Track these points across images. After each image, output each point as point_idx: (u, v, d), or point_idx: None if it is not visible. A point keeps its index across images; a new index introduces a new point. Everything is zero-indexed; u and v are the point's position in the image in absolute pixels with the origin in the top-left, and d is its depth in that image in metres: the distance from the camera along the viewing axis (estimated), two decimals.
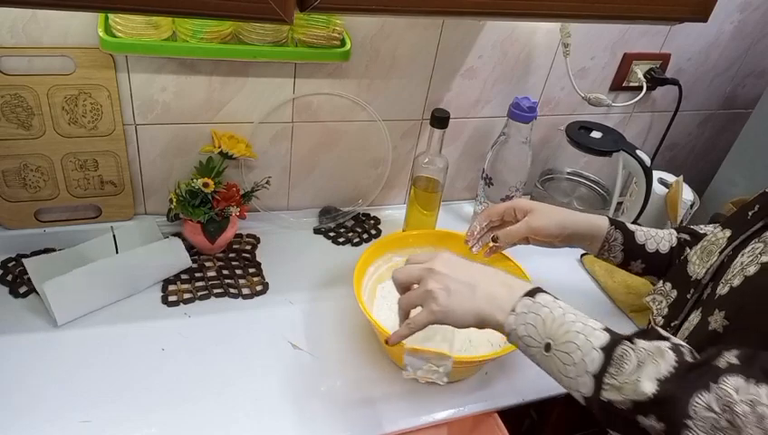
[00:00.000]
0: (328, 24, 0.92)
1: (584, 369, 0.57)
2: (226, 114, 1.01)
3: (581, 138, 1.14)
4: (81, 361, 0.82)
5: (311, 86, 1.03)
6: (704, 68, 1.32)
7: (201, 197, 0.96)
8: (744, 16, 1.26)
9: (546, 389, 0.89)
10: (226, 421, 0.78)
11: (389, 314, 0.91)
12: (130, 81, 0.93)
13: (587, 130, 1.16)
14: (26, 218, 0.98)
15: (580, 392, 0.58)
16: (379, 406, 0.82)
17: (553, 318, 0.60)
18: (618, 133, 1.16)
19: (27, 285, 0.91)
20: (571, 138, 1.14)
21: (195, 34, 0.87)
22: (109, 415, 0.76)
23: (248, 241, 1.09)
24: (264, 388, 0.82)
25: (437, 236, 1.04)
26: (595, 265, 1.14)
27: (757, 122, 1.22)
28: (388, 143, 1.14)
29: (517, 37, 1.11)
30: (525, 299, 0.63)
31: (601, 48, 1.19)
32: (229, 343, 0.88)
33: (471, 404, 0.85)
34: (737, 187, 1.24)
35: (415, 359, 0.74)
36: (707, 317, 0.66)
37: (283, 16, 0.58)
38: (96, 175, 0.98)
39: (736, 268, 0.66)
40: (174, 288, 0.96)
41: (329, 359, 0.88)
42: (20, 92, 0.87)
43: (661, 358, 0.54)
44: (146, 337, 0.87)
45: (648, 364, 0.54)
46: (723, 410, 0.49)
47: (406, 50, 1.04)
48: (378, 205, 1.22)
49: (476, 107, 1.18)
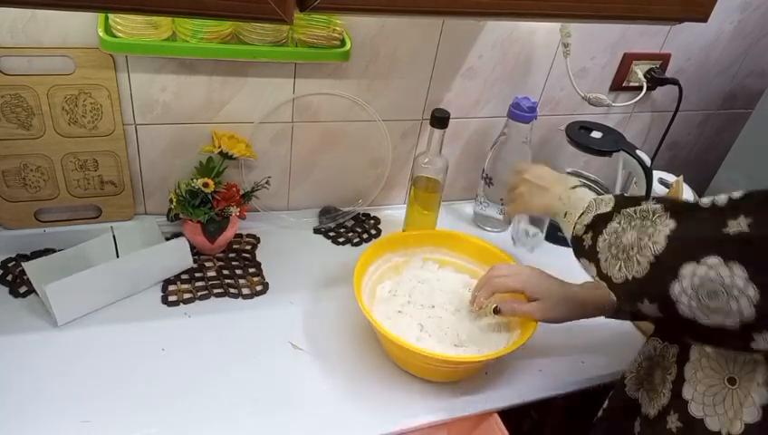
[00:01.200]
0: (328, 24, 0.92)
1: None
2: (226, 114, 1.01)
3: (581, 138, 1.14)
4: (81, 361, 0.82)
5: (311, 86, 1.03)
6: (704, 68, 1.32)
7: (201, 197, 0.96)
8: (743, 16, 1.26)
9: (546, 389, 0.89)
10: (226, 421, 0.77)
11: (389, 314, 0.91)
12: (130, 81, 0.93)
13: (587, 130, 1.15)
14: (26, 218, 0.98)
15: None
16: (379, 406, 0.82)
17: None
18: (618, 133, 1.16)
19: (27, 285, 0.91)
20: (571, 138, 1.14)
21: (195, 34, 0.87)
22: (109, 415, 0.76)
23: (248, 241, 1.09)
24: (264, 388, 0.82)
25: (437, 236, 1.04)
26: None
27: (757, 122, 1.22)
28: (388, 143, 1.14)
29: (517, 37, 1.11)
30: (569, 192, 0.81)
31: (601, 48, 1.19)
32: (229, 342, 0.88)
33: (471, 404, 0.85)
34: (737, 186, 1.22)
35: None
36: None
37: (283, 16, 0.58)
38: (96, 175, 0.98)
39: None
40: (174, 288, 0.96)
41: (329, 359, 0.88)
42: (20, 92, 0.87)
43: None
44: (146, 337, 0.87)
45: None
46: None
47: (406, 50, 1.04)
48: (378, 205, 1.22)
49: (476, 107, 1.18)
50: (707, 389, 0.64)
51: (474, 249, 1.01)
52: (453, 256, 1.02)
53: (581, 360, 0.94)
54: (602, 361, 0.94)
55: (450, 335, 0.89)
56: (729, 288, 0.52)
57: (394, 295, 0.95)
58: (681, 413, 0.66)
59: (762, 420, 0.58)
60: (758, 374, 0.59)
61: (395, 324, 0.89)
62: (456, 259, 1.02)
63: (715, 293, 0.53)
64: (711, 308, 0.54)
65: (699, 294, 0.55)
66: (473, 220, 1.25)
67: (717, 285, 0.53)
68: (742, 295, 0.52)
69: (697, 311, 0.56)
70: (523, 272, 0.88)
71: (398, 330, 0.87)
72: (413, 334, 0.88)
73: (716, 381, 0.63)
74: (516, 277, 0.87)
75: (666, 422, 0.67)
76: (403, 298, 0.94)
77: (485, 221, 1.23)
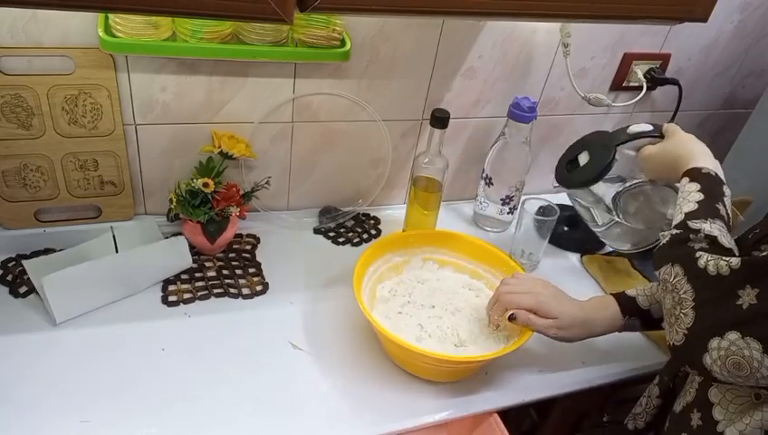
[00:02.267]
0: (328, 24, 0.92)
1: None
2: (226, 114, 1.01)
3: (571, 178, 0.95)
4: (81, 361, 0.82)
5: (311, 86, 1.03)
6: (704, 68, 1.32)
7: (201, 197, 0.96)
8: (743, 16, 1.26)
9: (546, 389, 0.89)
10: (226, 421, 0.77)
11: (389, 314, 0.91)
12: (130, 81, 0.93)
13: (572, 162, 0.96)
14: (26, 218, 0.98)
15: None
16: (379, 406, 0.82)
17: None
18: (604, 134, 0.96)
19: (27, 284, 0.91)
20: (564, 185, 0.96)
21: (194, 34, 0.87)
22: (108, 415, 0.76)
23: (248, 241, 1.09)
24: (265, 388, 0.82)
25: (437, 236, 1.04)
26: (595, 265, 1.14)
27: (757, 122, 1.22)
28: (388, 143, 1.14)
29: (517, 37, 1.11)
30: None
31: (601, 48, 1.19)
32: (229, 343, 0.88)
33: (471, 404, 0.85)
34: (738, 186, 1.23)
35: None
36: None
37: (283, 16, 0.58)
38: (96, 175, 0.98)
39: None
40: (174, 288, 0.96)
41: (329, 359, 0.88)
42: (20, 92, 0.87)
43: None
44: (146, 337, 0.87)
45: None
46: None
47: (406, 50, 1.04)
48: (378, 205, 1.22)
49: (476, 107, 1.18)
50: (734, 397, 0.66)
51: (474, 249, 1.01)
52: (453, 256, 1.02)
53: (581, 360, 0.94)
54: (602, 361, 0.94)
55: (450, 335, 0.89)
56: (750, 360, 0.58)
57: (394, 295, 0.95)
58: (704, 414, 0.68)
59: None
60: None
61: (395, 324, 0.89)
62: (456, 259, 1.02)
63: (739, 365, 0.60)
64: (740, 377, 0.60)
65: (727, 365, 0.60)
66: (473, 220, 1.25)
67: (739, 358, 0.59)
68: (761, 366, 0.58)
69: (731, 378, 0.61)
70: (535, 288, 0.87)
71: (398, 330, 0.87)
72: (413, 334, 0.88)
73: (744, 394, 0.66)
74: (531, 297, 0.85)
75: (689, 419, 0.70)
76: (403, 298, 0.94)
77: (485, 221, 1.23)
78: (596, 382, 0.92)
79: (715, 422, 0.67)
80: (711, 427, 0.67)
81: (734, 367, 0.60)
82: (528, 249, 1.11)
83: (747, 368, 0.59)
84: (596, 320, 0.86)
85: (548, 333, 0.84)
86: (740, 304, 0.60)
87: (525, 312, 0.84)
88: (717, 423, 0.66)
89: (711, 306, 0.63)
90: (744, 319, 0.59)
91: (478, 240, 1.02)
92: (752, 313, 0.59)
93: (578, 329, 0.85)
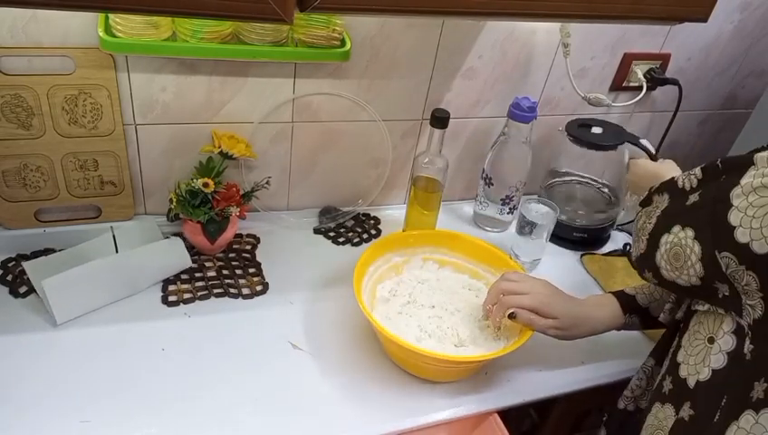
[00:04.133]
0: (328, 24, 0.92)
1: None
2: (226, 114, 1.01)
3: (583, 135, 1.13)
4: (81, 361, 0.82)
5: (311, 86, 1.03)
6: (704, 68, 1.32)
7: (201, 197, 0.96)
8: (743, 16, 1.26)
9: (546, 389, 0.89)
10: (226, 421, 0.77)
11: (389, 314, 0.91)
12: (130, 81, 0.93)
13: (587, 127, 1.15)
14: (26, 218, 0.98)
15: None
16: (379, 406, 0.82)
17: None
18: (618, 127, 1.17)
19: (27, 284, 0.91)
20: (572, 135, 1.14)
21: (195, 34, 0.87)
22: (109, 415, 0.76)
23: (248, 241, 1.09)
24: (265, 388, 0.82)
25: (437, 236, 1.04)
26: (595, 265, 1.14)
27: (757, 122, 1.22)
28: (388, 143, 1.14)
29: (517, 37, 1.11)
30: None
31: (601, 48, 1.19)
32: (229, 343, 0.88)
33: (471, 404, 0.85)
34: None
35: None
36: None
37: (283, 16, 0.58)
38: (96, 175, 0.98)
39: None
40: (174, 288, 0.96)
41: (329, 359, 0.88)
42: (20, 92, 0.87)
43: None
44: (146, 337, 0.87)
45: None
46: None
47: (406, 50, 1.04)
48: (378, 205, 1.22)
49: (476, 107, 1.18)
50: (693, 349, 0.68)
51: (474, 249, 1.01)
52: (453, 256, 1.02)
53: (581, 360, 0.94)
54: (602, 360, 0.94)
55: (450, 335, 0.89)
56: (684, 247, 0.63)
57: (394, 295, 0.95)
58: (673, 376, 0.70)
59: (727, 366, 0.62)
60: (725, 324, 0.64)
61: (395, 324, 0.89)
62: (456, 259, 1.02)
63: (677, 255, 0.65)
64: (677, 268, 0.65)
65: (669, 258, 0.66)
66: (473, 220, 1.25)
67: (678, 248, 0.64)
68: (692, 253, 0.62)
69: (671, 272, 0.66)
70: (536, 288, 0.86)
71: (397, 330, 0.87)
72: (413, 334, 0.88)
73: (700, 341, 0.67)
74: (531, 297, 0.85)
75: (662, 387, 0.71)
76: (403, 298, 0.94)
77: (485, 221, 1.23)
78: (596, 382, 0.92)
79: (683, 380, 0.68)
80: (681, 385, 0.68)
81: (673, 258, 0.65)
82: (528, 249, 1.11)
83: (682, 256, 0.63)
84: (597, 318, 0.87)
85: (549, 332, 0.84)
86: (686, 204, 0.65)
87: (526, 311, 0.84)
88: (685, 380, 0.67)
89: (670, 211, 0.68)
90: (685, 212, 0.65)
91: (478, 240, 1.02)
92: (693, 207, 0.64)
93: (579, 328, 0.85)
